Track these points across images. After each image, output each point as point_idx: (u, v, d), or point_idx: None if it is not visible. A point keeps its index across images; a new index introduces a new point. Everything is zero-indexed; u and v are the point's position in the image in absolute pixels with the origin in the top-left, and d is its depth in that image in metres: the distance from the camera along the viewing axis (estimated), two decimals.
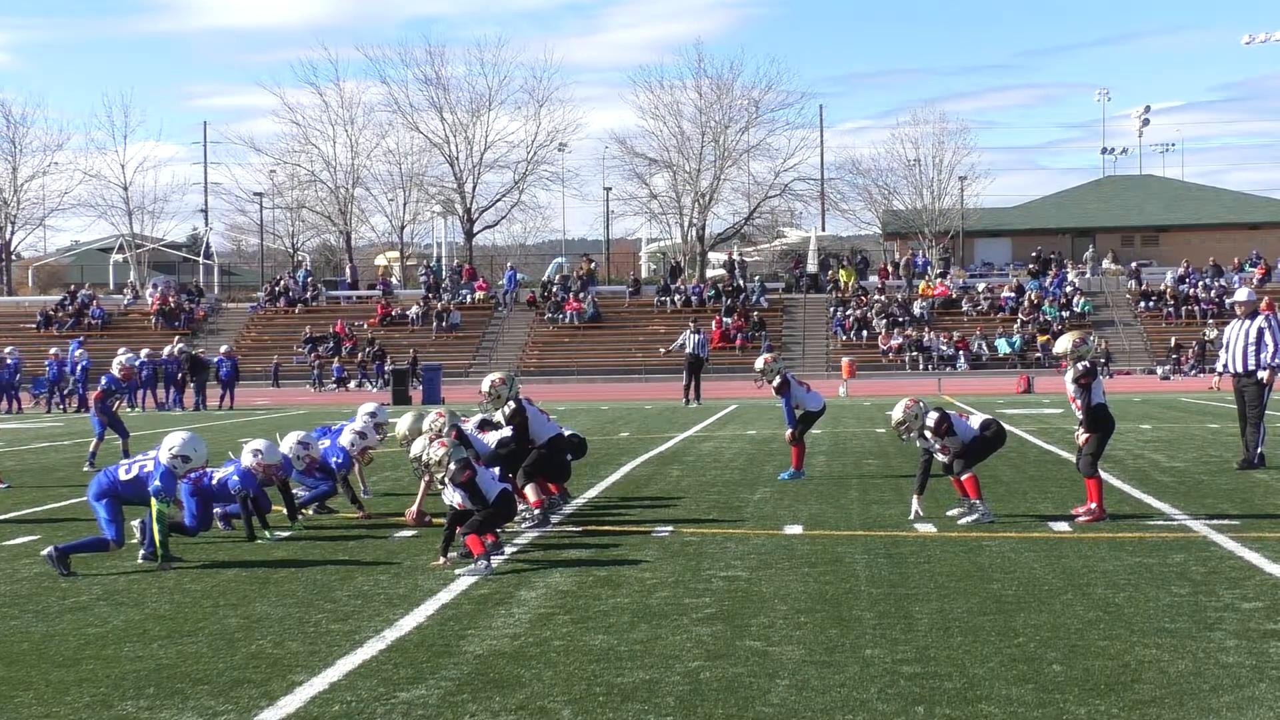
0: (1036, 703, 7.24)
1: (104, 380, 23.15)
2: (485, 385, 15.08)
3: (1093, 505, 13.97)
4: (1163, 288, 65.79)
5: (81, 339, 52.75)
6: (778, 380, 18.17)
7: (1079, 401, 14.11)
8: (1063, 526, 13.50)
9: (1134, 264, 71.15)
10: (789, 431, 18.21)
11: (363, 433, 15.51)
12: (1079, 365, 14.02)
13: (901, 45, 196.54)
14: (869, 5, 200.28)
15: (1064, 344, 14.32)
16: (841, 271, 68.76)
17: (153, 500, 12.16)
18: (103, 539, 12.24)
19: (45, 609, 10.25)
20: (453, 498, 12.01)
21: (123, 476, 12.48)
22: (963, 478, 14.03)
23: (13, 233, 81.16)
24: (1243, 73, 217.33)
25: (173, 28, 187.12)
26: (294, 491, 14.60)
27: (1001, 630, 8.93)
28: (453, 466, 11.98)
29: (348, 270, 76.14)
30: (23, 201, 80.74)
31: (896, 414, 14.16)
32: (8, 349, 45.99)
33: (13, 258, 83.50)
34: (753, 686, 7.63)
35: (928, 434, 14.06)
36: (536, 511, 14.12)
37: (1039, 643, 8.57)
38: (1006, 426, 27.85)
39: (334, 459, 15.23)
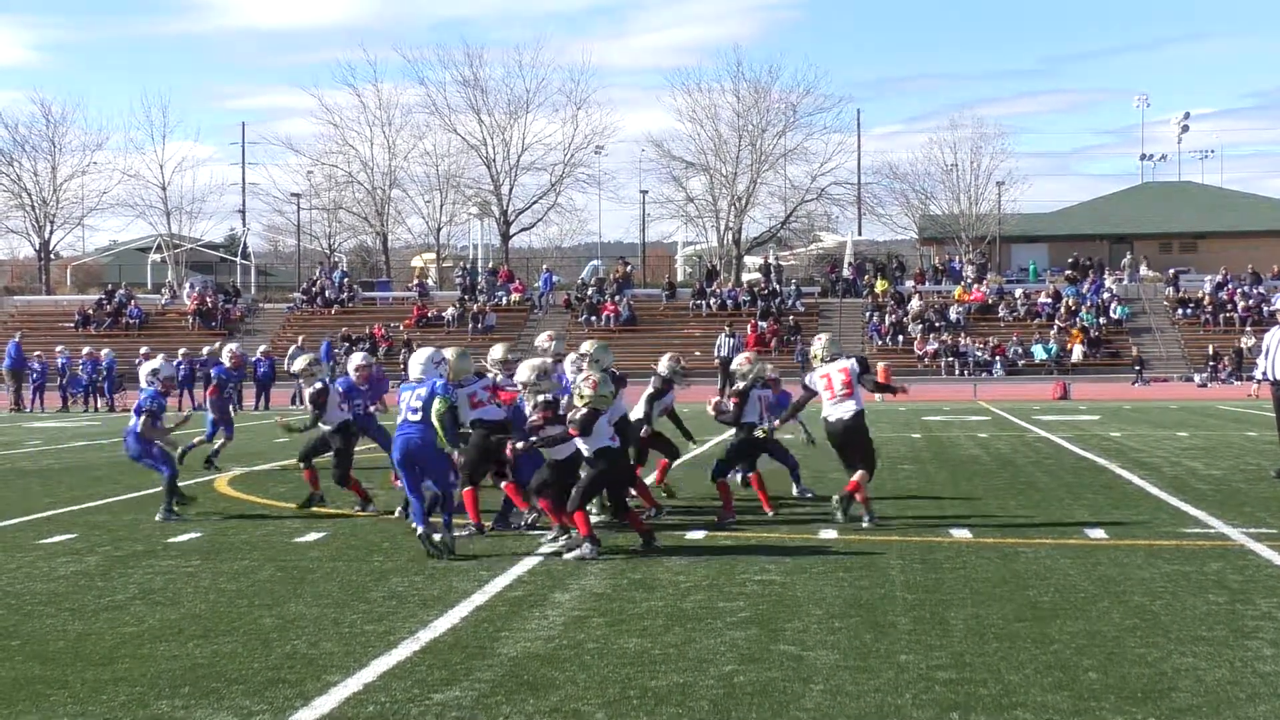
0: (1072, 710, 7.20)
1: (215, 372, 22.34)
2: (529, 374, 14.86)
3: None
4: (1200, 295, 65.40)
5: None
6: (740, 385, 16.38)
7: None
8: (1099, 534, 13.44)
9: (1172, 271, 70.76)
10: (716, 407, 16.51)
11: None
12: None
13: (930, 50, 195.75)
14: (896, 10, 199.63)
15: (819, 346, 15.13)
16: (878, 282, 68.47)
17: (436, 400, 12.49)
18: (436, 492, 12.77)
19: (81, 607, 10.29)
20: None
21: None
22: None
23: (51, 232, 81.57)
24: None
25: (204, 28, 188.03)
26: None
27: (1037, 637, 8.89)
28: (583, 413, 12.43)
29: (322, 271, 74.70)
30: (62, 201, 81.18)
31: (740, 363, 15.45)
32: (59, 348, 46.51)
33: (51, 257, 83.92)
34: (787, 691, 7.62)
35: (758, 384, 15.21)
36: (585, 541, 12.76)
37: (1075, 650, 8.53)
38: (1043, 433, 27.81)
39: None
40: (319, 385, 15.94)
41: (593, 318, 65.78)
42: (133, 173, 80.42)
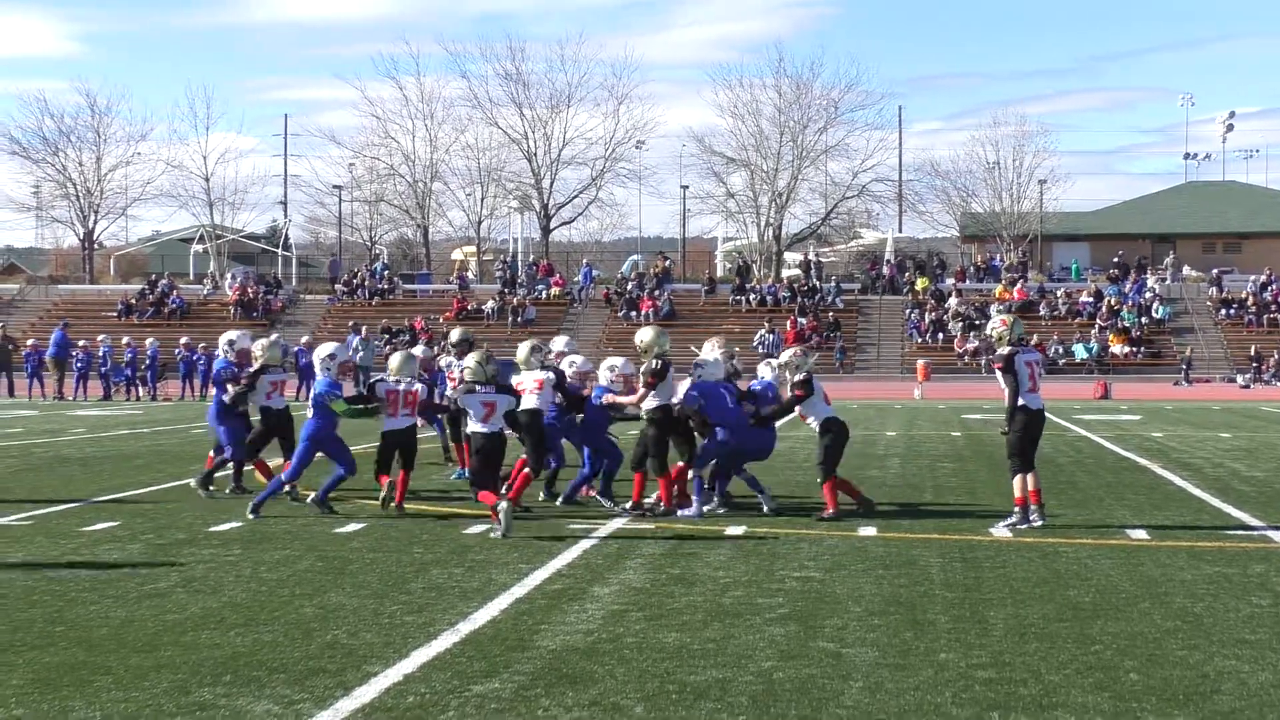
0: (1113, 711, 7.17)
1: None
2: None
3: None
4: (1244, 295, 64.96)
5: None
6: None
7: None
8: (1140, 534, 13.38)
9: (1215, 271, 70.30)
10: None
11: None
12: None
13: (972, 48, 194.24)
14: (937, 7, 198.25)
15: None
16: (918, 279, 68.21)
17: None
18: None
19: (124, 594, 10.36)
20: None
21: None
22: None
23: (95, 222, 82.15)
24: None
25: (247, 20, 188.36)
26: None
27: (1078, 637, 8.86)
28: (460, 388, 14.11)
29: (333, 265, 74.73)
30: (106, 191, 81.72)
31: (784, 355, 15.38)
32: (100, 337, 46.81)
33: (95, 246, 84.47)
34: (826, 688, 7.61)
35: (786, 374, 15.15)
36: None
37: (1116, 651, 8.49)
38: (1084, 433, 27.67)
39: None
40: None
41: (632, 312, 65.79)
42: (176, 163, 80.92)
